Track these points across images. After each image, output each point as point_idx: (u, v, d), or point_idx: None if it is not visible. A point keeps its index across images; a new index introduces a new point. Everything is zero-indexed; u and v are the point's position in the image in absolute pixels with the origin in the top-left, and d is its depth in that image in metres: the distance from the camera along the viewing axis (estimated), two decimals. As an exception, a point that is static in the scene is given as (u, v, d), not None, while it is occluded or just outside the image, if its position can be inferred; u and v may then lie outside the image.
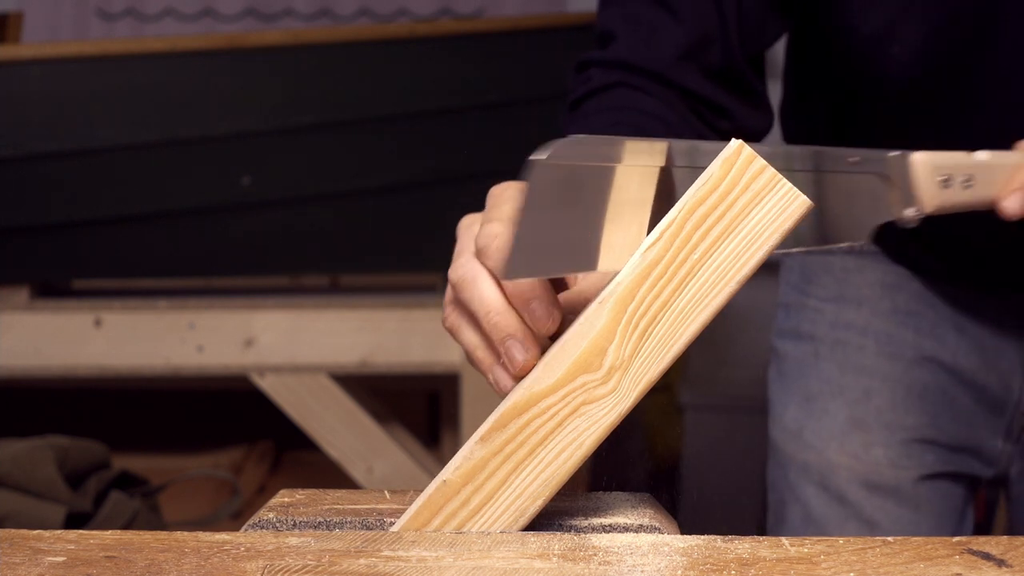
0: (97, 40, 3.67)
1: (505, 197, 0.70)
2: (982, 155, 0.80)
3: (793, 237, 0.70)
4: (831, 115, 1.14)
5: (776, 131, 1.13)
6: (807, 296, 1.24)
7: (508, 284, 0.67)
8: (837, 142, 1.14)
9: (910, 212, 0.78)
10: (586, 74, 1.02)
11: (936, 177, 0.77)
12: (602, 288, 0.68)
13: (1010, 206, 0.80)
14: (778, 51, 1.14)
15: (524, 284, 0.67)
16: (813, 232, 0.76)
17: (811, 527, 1.21)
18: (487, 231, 0.68)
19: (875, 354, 1.20)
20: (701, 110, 1.01)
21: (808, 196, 0.67)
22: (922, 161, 0.77)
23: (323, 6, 3.99)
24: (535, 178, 0.63)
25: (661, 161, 0.68)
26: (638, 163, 0.67)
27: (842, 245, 0.77)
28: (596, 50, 1.04)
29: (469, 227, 0.72)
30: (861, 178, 0.77)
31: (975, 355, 1.18)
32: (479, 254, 0.68)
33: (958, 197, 0.79)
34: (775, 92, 1.10)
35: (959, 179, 0.79)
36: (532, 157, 0.63)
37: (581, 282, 0.73)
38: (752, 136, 1.04)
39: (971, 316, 1.18)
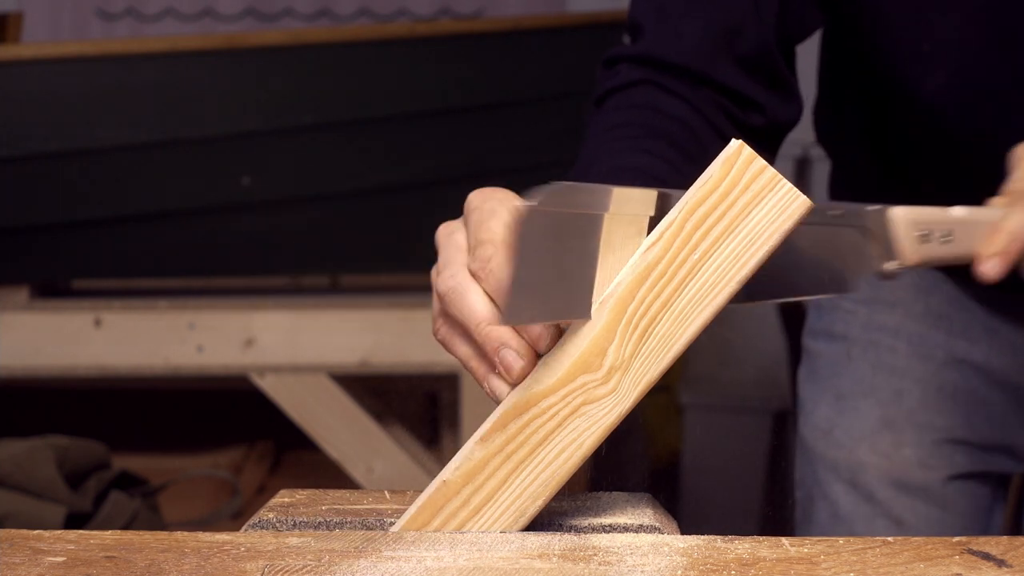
0: (97, 40, 3.67)
1: (486, 210, 0.69)
2: (959, 211, 0.80)
3: (779, 288, 0.74)
4: (863, 116, 1.14)
5: (806, 124, 1.13)
6: (840, 297, 1.25)
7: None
8: (869, 143, 1.14)
9: (891, 266, 0.78)
10: (615, 69, 1.02)
11: (914, 232, 0.77)
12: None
13: (988, 271, 0.79)
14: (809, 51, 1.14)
15: None
16: (797, 283, 0.77)
17: (839, 525, 1.22)
18: (480, 254, 0.67)
19: (907, 355, 1.21)
20: (730, 107, 1.00)
21: (793, 249, 0.69)
22: (901, 216, 0.77)
23: (323, 6, 3.99)
24: (527, 225, 0.62)
25: (651, 211, 0.68)
26: (625, 211, 0.67)
27: (828, 296, 0.78)
28: (626, 44, 1.03)
29: (450, 236, 0.71)
30: (843, 231, 0.78)
31: (1008, 356, 1.19)
32: (475, 277, 0.68)
33: (938, 252, 0.79)
34: (807, 91, 1.09)
35: (938, 234, 0.79)
36: (521, 204, 0.62)
37: None
38: (782, 128, 1.04)
39: (1004, 318, 1.18)
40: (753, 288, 0.72)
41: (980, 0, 0.96)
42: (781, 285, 0.75)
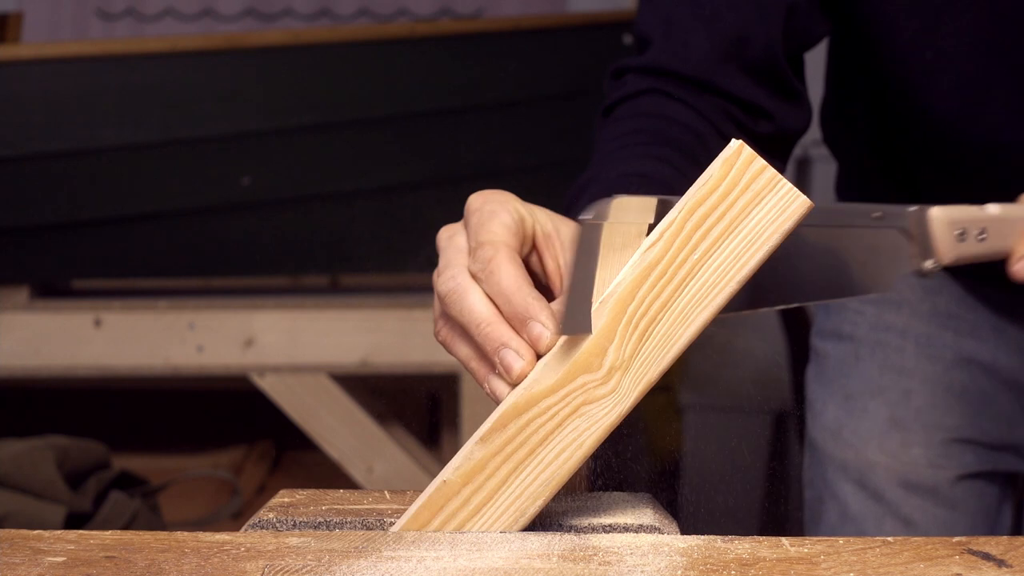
0: (97, 40, 3.67)
1: (487, 212, 0.70)
2: (993, 208, 0.82)
3: (818, 290, 0.79)
4: (869, 119, 1.14)
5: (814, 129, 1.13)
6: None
7: (505, 303, 0.67)
8: (875, 146, 1.14)
9: (928, 264, 0.80)
10: (622, 80, 1.02)
11: (953, 231, 0.79)
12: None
13: (1019, 271, 0.81)
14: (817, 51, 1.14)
15: (519, 304, 0.67)
16: (838, 284, 0.80)
17: (848, 525, 1.22)
18: (480, 256, 0.68)
19: (915, 355, 1.21)
20: (739, 115, 1.00)
21: (832, 249, 0.75)
22: (939, 216, 0.79)
23: (323, 6, 3.99)
24: (584, 237, 0.67)
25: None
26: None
27: (868, 296, 0.80)
28: (634, 55, 1.03)
29: (451, 238, 0.72)
30: (882, 232, 0.80)
31: (1015, 355, 1.19)
32: (475, 279, 0.68)
33: (973, 249, 0.81)
34: (814, 91, 1.09)
35: (974, 232, 0.81)
36: (581, 217, 0.68)
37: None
38: (791, 135, 1.04)
39: (1011, 318, 1.18)
40: (792, 290, 0.77)
41: (983, 9, 0.96)
42: (820, 287, 0.79)
